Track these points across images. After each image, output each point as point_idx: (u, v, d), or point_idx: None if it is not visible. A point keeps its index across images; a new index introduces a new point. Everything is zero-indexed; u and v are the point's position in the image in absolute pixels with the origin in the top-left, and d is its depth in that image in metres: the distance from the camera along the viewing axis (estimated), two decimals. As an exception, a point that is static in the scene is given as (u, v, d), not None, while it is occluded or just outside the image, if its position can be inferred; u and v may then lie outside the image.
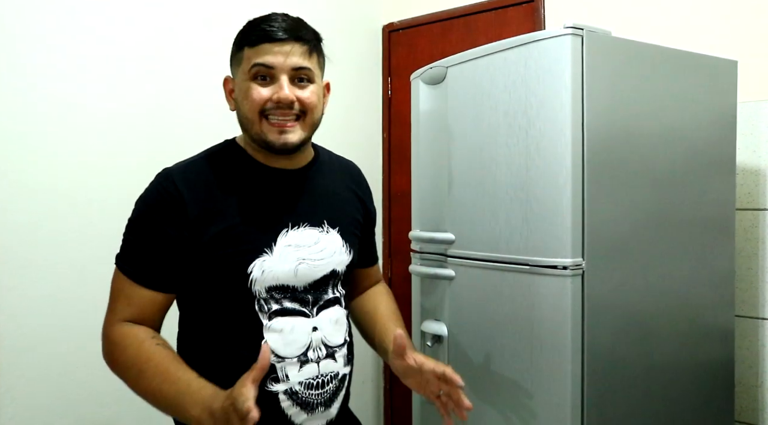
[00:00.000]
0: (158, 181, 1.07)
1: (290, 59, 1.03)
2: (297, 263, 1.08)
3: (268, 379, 1.05)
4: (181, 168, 1.09)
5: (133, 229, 1.05)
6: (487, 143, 1.45)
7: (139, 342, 1.01)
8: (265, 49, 1.03)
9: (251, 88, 1.03)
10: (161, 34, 1.84)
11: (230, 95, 1.11)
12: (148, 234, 1.03)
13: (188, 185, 1.04)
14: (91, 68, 1.67)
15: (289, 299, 1.08)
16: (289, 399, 1.06)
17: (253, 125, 1.05)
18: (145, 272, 1.03)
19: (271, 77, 1.04)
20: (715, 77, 1.55)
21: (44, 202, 1.56)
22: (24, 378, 1.52)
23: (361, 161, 1.54)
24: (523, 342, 1.36)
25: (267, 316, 1.06)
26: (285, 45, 1.03)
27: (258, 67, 1.03)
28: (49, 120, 1.58)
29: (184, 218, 1.02)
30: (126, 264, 1.04)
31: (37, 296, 1.54)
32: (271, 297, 1.06)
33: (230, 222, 1.04)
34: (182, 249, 1.03)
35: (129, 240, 1.05)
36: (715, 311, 1.57)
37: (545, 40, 1.32)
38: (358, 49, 2.63)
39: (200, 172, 1.08)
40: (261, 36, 1.03)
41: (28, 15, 1.54)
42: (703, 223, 1.53)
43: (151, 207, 1.04)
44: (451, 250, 1.56)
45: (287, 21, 1.06)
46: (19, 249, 1.51)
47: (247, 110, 1.05)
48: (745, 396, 1.83)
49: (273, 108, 1.04)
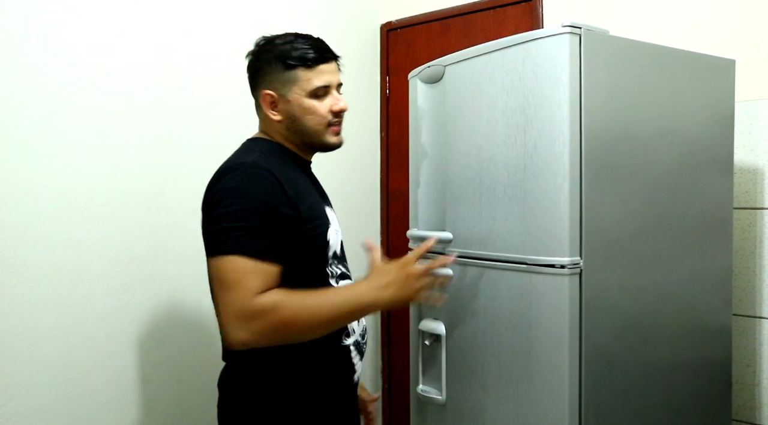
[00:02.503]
0: (255, 171, 1.17)
1: (335, 76, 1.30)
2: (336, 234, 1.30)
3: (342, 334, 1.26)
4: (261, 159, 1.21)
5: (247, 214, 1.13)
6: (485, 142, 1.45)
7: (286, 293, 1.13)
8: (322, 69, 1.26)
9: (315, 106, 1.26)
10: (161, 32, 1.84)
11: (273, 107, 1.28)
12: (266, 215, 1.13)
13: (277, 172, 1.19)
14: (90, 68, 1.66)
15: (341, 265, 1.32)
16: (355, 349, 1.30)
17: (318, 133, 1.29)
18: (270, 249, 1.13)
19: (326, 93, 1.28)
20: (713, 76, 1.56)
21: (42, 202, 1.56)
22: (22, 378, 1.51)
23: (359, 159, 1.55)
24: (520, 341, 1.36)
25: (335, 279, 1.27)
26: (332, 64, 1.29)
27: (319, 89, 1.26)
28: (47, 121, 1.57)
29: (287, 199, 1.17)
30: (250, 247, 1.11)
31: (34, 296, 1.54)
32: (334, 263, 1.28)
33: (311, 200, 1.25)
34: (290, 224, 1.17)
35: (244, 226, 1.12)
36: (712, 310, 1.57)
37: (543, 39, 1.32)
38: (356, 47, 2.63)
39: (277, 163, 1.23)
40: (315, 58, 1.25)
41: (26, 13, 1.53)
42: (701, 222, 1.53)
43: (260, 191, 1.15)
44: (449, 249, 1.55)
45: (321, 42, 1.29)
46: (17, 249, 1.51)
47: (315, 122, 1.27)
48: (743, 395, 1.84)
49: (333, 118, 1.29)
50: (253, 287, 1.09)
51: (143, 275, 1.78)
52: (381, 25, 2.73)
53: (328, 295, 1.17)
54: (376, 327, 2.74)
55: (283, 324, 1.10)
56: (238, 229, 1.11)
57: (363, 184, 2.63)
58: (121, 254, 1.72)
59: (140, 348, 1.77)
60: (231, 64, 2.02)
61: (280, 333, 1.11)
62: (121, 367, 1.72)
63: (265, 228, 1.13)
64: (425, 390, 1.63)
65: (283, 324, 1.10)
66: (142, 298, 1.76)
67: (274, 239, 1.14)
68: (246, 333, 1.09)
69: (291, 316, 1.10)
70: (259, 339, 1.10)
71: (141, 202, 1.77)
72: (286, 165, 1.25)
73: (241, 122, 1.96)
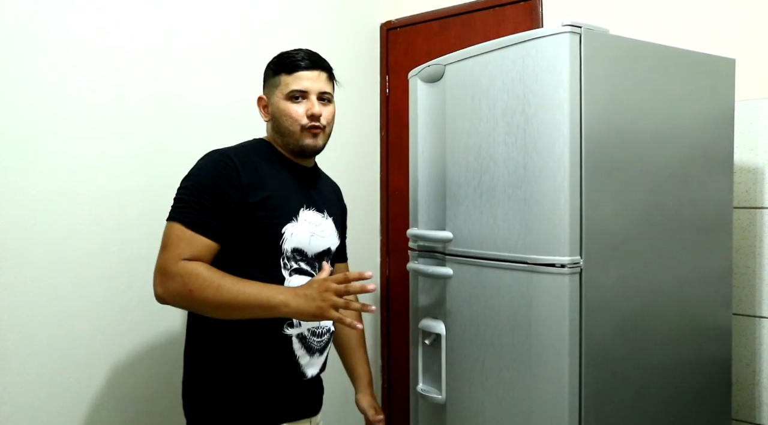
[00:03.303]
0: (215, 156, 1.32)
1: (316, 84, 1.37)
2: (310, 235, 1.38)
3: (284, 324, 1.33)
4: (231, 149, 1.36)
5: (193, 190, 1.27)
6: (485, 141, 1.45)
7: (208, 267, 1.23)
8: (301, 75, 1.36)
9: (290, 108, 1.36)
10: (161, 31, 1.84)
11: (264, 110, 1.43)
12: (208, 194, 1.26)
13: (240, 160, 1.31)
14: (91, 67, 1.66)
15: (304, 262, 1.37)
16: (299, 341, 1.36)
17: (294, 134, 1.37)
18: (205, 223, 1.25)
19: (304, 98, 1.36)
20: (713, 76, 1.56)
21: (42, 201, 1.56)
22: (21, 377, 1.51)
23: (359, 158, 1.55)
24: (521, 340, 1.37)
25: (289, 272, 1.34)
26: (313, 72, 1.37)
27: (295, 91, 1.35)
28: (46, 117, 1.57)
29: (237, 184, 1.27)
30: (187, 217, 1.25)
31: (34, 295, 1.54)
32: (293, 257, 1.35)
33: (270, 193, 1.32)
34: (235, 208, 1.27)
35: (189, 199, 1.26)
36: (712, 310, 1.57)
37: (543, 38, 1.32)
38: (356, 47, 2.62)
39: (246, 154, 1.35)
40: (296, 66, 1.36)
41: (26, 12, 1.53)
42: (701, 221, 1.53)
43: (213, 173, 1.28)
44: (449, 248, 1.56)
45: (312, 54, 1.40)
46: (16, 247, 1.51)
47: (289, 124, 1.36)
48: (743, 394, 1.84)
49: (308, 122, 1.36)
50: (180, 252, 1.22)
51: (143, 275, 1.77)
52: (381, 25, 2.73)
53: (243, 283, 1.21)
54: (375, 326, 2.74)
55: (188, 291, 1.19)
56: (183, 200, 1.27)
57: (363, 183, 2.63)
58: (121, 253, 1.72)
59: (141, 346, 1.77)
60: (232, 64, 2.02)
61: (186, 299, 1.21)
62: (121, 365, 1.72)
63: (205, 204, 1.25)
64: (425, 389, 1.63)
65: (189, 292, 1.19)
66: (142, 297, 1.76)
67: (212, 216, 1.25)
68: (160, 289, 1.22)
69: (199, 287, 1.19)
70: (167, 298, 1.22)
71: (141, 201, 1.77)
72: (262, 159, 1.37)
73: (242, 121, 1.96)
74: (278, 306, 1.20)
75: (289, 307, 1.19)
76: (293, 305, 1.19)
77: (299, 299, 1.19)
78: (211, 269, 1.23)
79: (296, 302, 1.19)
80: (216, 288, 1.19)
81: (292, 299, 1.19)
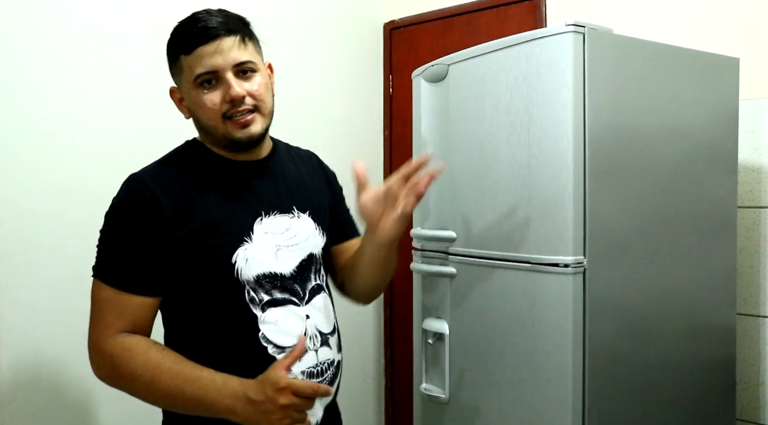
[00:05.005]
0: (129, 186, 1.06)
1: (228, 56, 1.03)
2: (275, 251, 1.09)
3: None
4: (150, 171, 1.09)
5: (112, 237, 1.04)
6: (489, 141, 1.45)
7: (144, 350, 1.00)
8: (201, 52, 1.03)
9: (202, 98, 1.05)
10: (162, 31, 1.84)
11: (181, 104, 1.12)
12: (129, 240, 1.02)
13: (160, 187, 1.04)
14: (92, 67, 1.66)
15: (278, 289, 1.09)
16: None
17: (217, 129, 1.07)
18: (132, 278, 1.02)
19: (216, 80, 1.04)
20: (717, 75, 1.55)
21: (43, 201, 1.56)
22: (25, 377, 1.52)
23: (363, 158, 1.54)
24: (524, 340, 1.36)
25: (260, 308, 1.06)
26: (218, 41, 1.03)
27: (201, 76, 1.04)
28: (49, 117, 1.58)
29: (161, 219, 1.02)
30: (110, 274, 1.02)
31: (37, 295, 1.54)
32: (260, 287, 1.07)
33: (207, 216, 1.05)
34: (164, 249, 1.03)
35: (108, 250, 1.04)
36: (716, 309, 1.57)
37: (547, 38, 1.32)
38: (360, 46, 2.62)
39: (169, 173, 1.08)
40: (192, 40, 1.03)
41: (26, 11, 1.54)
42: (705, 221, 1.53)
43: (127, 213, 1.03)
44: (453, 248, 1.55)
45: (212, 16, 1.06)
46: (18, 248, 1.51)
47: (207, 118, 1.06)
48: (747, 394, 1.83)
49: (230, 108, 1.05)
50: (110, 322, 1.01)
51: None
52: (384, 24, 2.73)
53: (185, 377, 0.97)
54: (379, 325, 2.74)
55: (118, 377, 1.01)
56: (102, 251, 1.05)
57: (366, 183, 2.63)
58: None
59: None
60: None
61: (118, 386, 1.02)
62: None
63: (128, 252, 1.02)
64: (428, 388, 1.63)
65: (119, 378, 1.01)
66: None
67: (140, 265, 1.02)
68: (93, 368, 1.04)
69: (129, 375, 0.99)
70: (101, 379, 1.04)
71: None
72: (192, 171, 1.09)
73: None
74: (223, 414, 0.97)
75: (237, 415, 0.96)
76: (241, 414, 0.96)
77: (248, 408, 0.95)
78: (149, 349, 1.00)
79: (245, 412, 0.95)
80: (149, 382, 0.97)
81: (241, 408, 0.95)
